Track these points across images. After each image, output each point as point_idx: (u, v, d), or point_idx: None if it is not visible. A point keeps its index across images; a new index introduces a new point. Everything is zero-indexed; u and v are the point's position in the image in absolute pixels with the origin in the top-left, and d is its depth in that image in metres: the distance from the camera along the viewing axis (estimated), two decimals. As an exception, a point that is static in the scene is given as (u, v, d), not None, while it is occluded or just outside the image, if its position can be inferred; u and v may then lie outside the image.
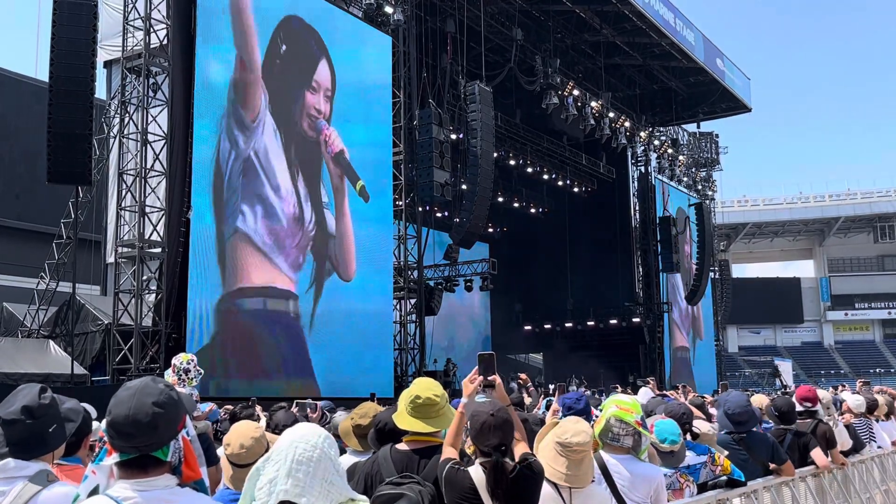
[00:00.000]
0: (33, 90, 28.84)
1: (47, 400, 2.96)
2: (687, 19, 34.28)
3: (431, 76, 26.89)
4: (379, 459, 3.81)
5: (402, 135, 24.60)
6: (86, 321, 19.46)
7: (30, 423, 2.89)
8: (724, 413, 6.05)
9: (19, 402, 2.91)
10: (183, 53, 18.71)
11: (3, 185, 29.57)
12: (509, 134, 33.00)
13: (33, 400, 2.93)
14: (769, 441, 6.12)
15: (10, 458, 2.90)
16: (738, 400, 6.20)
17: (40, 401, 2.94)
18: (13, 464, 2.89)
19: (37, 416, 2.91)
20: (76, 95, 16.95)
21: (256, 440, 4.02)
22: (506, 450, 3.48)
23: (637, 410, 4.41)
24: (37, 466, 2.90)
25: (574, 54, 33.64)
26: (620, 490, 4.23)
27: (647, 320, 37.51)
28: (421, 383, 3.89)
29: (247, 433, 4.05)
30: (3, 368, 17.17)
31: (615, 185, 38.95)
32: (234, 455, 3.96)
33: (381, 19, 24.30)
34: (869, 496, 7.68)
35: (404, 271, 24.93)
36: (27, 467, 2.88)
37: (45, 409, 2.95)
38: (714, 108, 40.94)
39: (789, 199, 73.53)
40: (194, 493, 2.25)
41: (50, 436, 2.99)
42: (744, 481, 5.21)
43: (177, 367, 7.30)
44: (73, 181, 18.36)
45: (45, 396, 2.96)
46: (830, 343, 72.73)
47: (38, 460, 2.94)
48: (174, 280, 18.14)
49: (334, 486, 2.38)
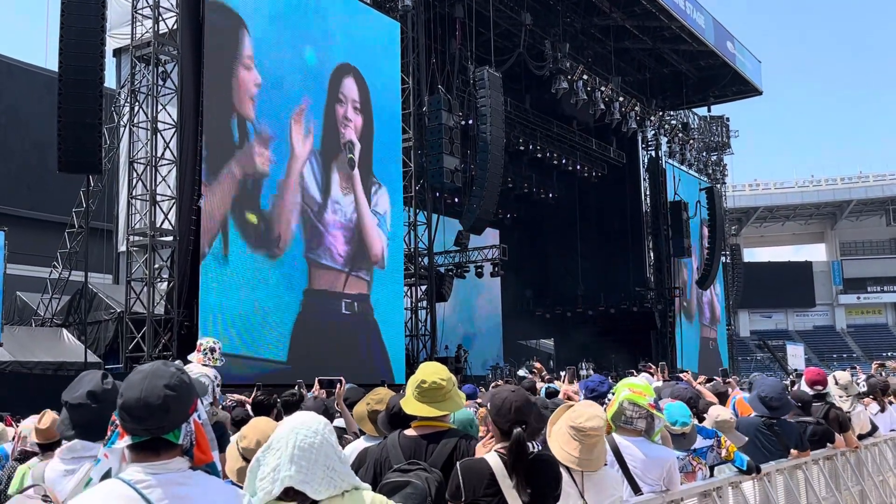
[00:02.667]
0: (43, 80, 28.89)
1: (109, 385, 3.14)
2: (697, 2, 34.06)
3: (440, 62, 26.80)
4: (387, 445, 3.82)
5: (412, 121, 24.55)
6: (98, 310, 19.58)
7: (95, 407, 3.06)
8: (759, 397, 6.03)
9: (84, 388, 3.09)
10: (192, 41, 18.70)
11: (14, 174, 29.68)
12: (519, 119, 32.88)
13: (97, 385, 3.10)
14: (797, 430, 6.11)
15: (76, 439, 3.10)
16: (775, 385, 6.18)
17: (104, 385, 3.11)
18: (80, 445, 3.10)
19: (101, 401, 3.08)
20: (86, 85, 17.00)
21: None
22: (526, 427, 3.47)
23: (650, 393, 4.41)
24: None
25: (583, 38, 33.46)
26: (633, 473, 4.23)
27: (659, 305, 37.43)
28: (427, 368, 3.89)
29: (264, 429, 4.01)
30: (18, 357, 17.30)
31: (626, 170, 38.79)
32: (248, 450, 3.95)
33: (390, 5, 24.22)
34: (882, 479, 7.66)
35: (415, 258, 24.94)
36: (93, 448, 3.05)
37: (108, 393, 3.11)
38: (725, 91, 40.70)
39: (801, 182, 73.20)
40: (206, 475, 2.26)
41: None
42: (745, 469, 5.20)
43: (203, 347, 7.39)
44: (83, 170, 18.44)
45: (107, 382, 3.14)
46: (842, 327, 72.48)
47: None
48: (186, 268, 18.20)
49: (336, 473, 2.37)
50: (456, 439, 3.74)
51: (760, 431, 5.89)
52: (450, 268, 29.76)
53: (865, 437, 7.45)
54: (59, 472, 3.11)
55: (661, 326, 37.11)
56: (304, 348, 19.58)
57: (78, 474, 3.03)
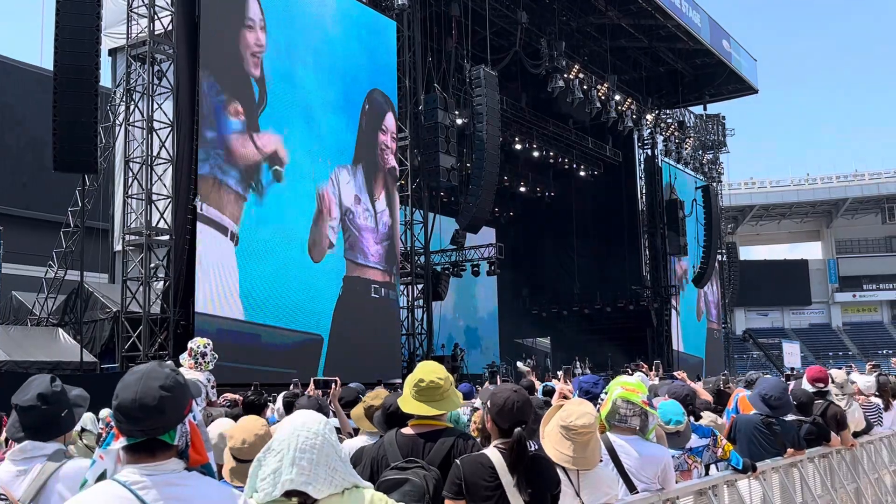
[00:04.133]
0: (38, 79, 28.83)
1: (58, 388, 3.27)
2: (693, 1, 34.08)
3: (436, 61, 26.79)
4: (384, 444, 3.82)
5: (408, 120, 24.54)
6: (94, 309, 19.53)
7: (45, 409, 3.20)
8: (760, 395, 6.04)
9: (34, 391, 3.22)
10: (187, 40, 18.68)
11: (9, 174, 29.61)
12: (515, 118, 32.89)
13: (46, 388, 3.23)
14: (794, 429, 6.13)
15: (27, 440, 3.21)
16: (776, 385, 6.19)
17: (52, 388, 3.24)
18: (30, 445, 3.20)
19: (50, 402, 3.22)
20: (81, 84, 16.96)
21: (260, 437, 3.95)
22: (526, 428, 3.48)
23: (643, 391, 4.40)
24: (53, 446, 3.22)
25: (579, 37, 33.47)
26: (628, 471, 4.23)
27: (655, 303, 37.46)
28: (425, 367, 3.90)
29: (252, 429, 4.01)
30: (14, 356, 17.26)
31: (622, 169, 38.83)
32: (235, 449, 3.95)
33: (386, 3, 24.20)
34: (877, 476, 7.68)
35: (411, 257, 24.92)
36: (44, 447, 3.20)
37: (57, 395, 3.26)
38: (720, 89, 40.74)
39: (796, 180, 73.26)
40: (202, 476, 2.26)
41: (62, 419, 3.30)
42: (740, 468, 5.20)
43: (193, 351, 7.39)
44: (79, 169, 18.39)
45: (55, 384, 3.26)
46: (838, 325, 72.58)
47: (54, 441, 3.25)
48: (182, 267, 18.18)
49: (337, 472, 2.38)
50: (453, 438, 3.75)
51: (759, 430, 5.90)
52: (446, 266, 29.74)
53: (861, 435, 7.46)
54: (12, 473, 3.17)
55: (657, 324, 37.15)
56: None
57: (31, 474, 3.12)
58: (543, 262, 39.62)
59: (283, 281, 19.98)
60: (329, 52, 22.01)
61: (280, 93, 20.39)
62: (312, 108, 21.36)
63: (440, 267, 29.18)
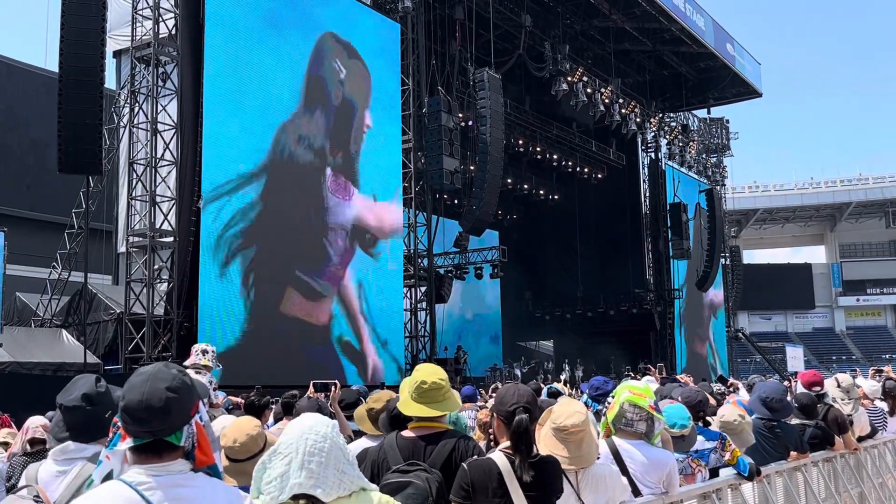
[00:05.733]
0: (43, 81, 28.90)
1: (103, 388, 3.25)
2: (697, 4, 34.06)
3: (440, 63, 26.80)
4: (385, 447, 3.82)
5: (412, 122, 24.54)
6: (98, 310, 19.56)
7: (89, 410, 3.18)
8: (760, 399, 6.03)
9: (78, 391, 3.19)
10: (192, 42, 18.70)
11: (14, 175, 29.66)
12: (519, 121, 32.89)
13: (91, 388, 3.21)
14: (797, 432, 6.12)
15: (70, 441, 3.21)
16: (776, 388, 6.19)
17: (97, 389, 3.22)
18: (73, 446, 3.20)
19: (95, 403, 3.19)
20: (86, 85, 17.00)
21: (252, 438, 4.00)
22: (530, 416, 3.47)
23: (650, 395, 4.40)
24: (94, 448, 3.19)
25: (583, 40, 33.46)
26: (633, 475, 4.22)
27: (658, 307, 37.41)
28: (423, 369, 3.90)
29: (244, 429, 4.04)
30: (18, 358, 17.28)
31: (625, 172, 38.80)
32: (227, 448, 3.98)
33: (390, 6, 24.22)
34: (881, 481, 7.66)
35: (414, 259, 24.92)
36: (85, 449, 3.19)
37: (102, 396, 3.23)
38: (724, 93, 40.71)
39: (800, 184, 73.18)
40: (208, 477, 2.26)
41: (107, 420, 3.21)
42: (746, 475, 5.19)
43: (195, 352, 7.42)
44: (83, 171, 18.43)
45: (100, 385, 3.24)
46: (842, 329, 72.45)
47: (96, 443, 3.20)
48: (185, 269, 18.20)
49: (346, 475, 2.37)
50: (455, 440, 3.75)
51: (761, 433, 5.89)
52: (449, 269, 29.75)
53: (865, 440, 7.45)
54: (52, 473, 3.18)
55: (660, 328, 37.10)
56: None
57: (70, 475, 3.12)
58: (546, 264, 39.58)
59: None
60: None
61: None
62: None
63: (443, 269, 29.17)
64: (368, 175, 22.69)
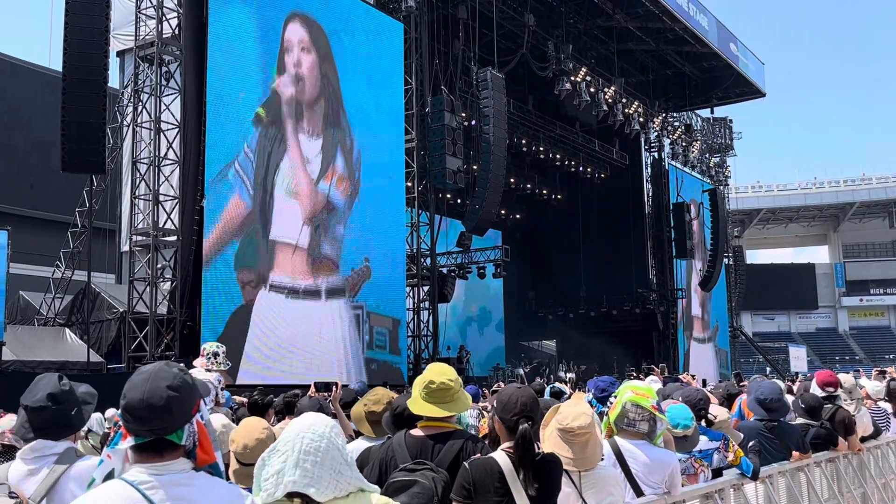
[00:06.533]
0: (46, 80, 28.93)
1: (67, 386, 3.25)
2: (700, 4, 34.03)
3: (443, 63, 26.80)
4: (393, 445, 3.82)
5: (415, 122, 24.53)
6: (101, 309, 19.59)
7: (55, 409, 3.18)
8: (756, 399, 6.03)
9: (42, 391, 3.20)
10: (195, 41, 18.72)
11: (17, 174, 29.71)
12: (522, 120, 32.87)
13: (55, 387, 3.21)
14: (798, 431, 6.11)
15: (37, 440, 3.21)
16: (772, 388, 6.18)
17: (61, 387, 3.22)
18: (41, 444, 3.20)
19: (60, 402, 3.20)
20: (90, 85, 17.00)
21: (261, 441, 3.91)
22: (532, 423, 3.47)
23: (653, 395, 4.40)
24: (64, 445, 3.22)
25: (587, 40, 33.44)
26: (635, 475, 4.22)
27: (661, 307, 37.38)
28: (434, 368, 3.90)
29: (253, 433, 3.98)
30: (21, 356, 17.32)
31: (628, 172, 38.75)
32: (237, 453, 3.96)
33: (393, 6, 24.22)
34: (884, 482, 7.65)
35: (417, 258, 24.92)
36: (55, 447, 3.20)
37: (67, 394, 3.24)
38: (728, 93, 40.67)
39: (804, 184, 73.04)
40: (209, 476, 2.26)
41: (73, 418, 3.30)
42: (749, 475, 5.19)
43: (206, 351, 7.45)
44: (87, 170, 18.45)
45: (64, 383, 3.25)
46: (845, 329, 72.33)
47: (64, 440, 3.24)
48: (188, 268, 18.22)
49: (342, 476, 2.37)
50: (462, 440, 3.75)
51: (763, 434, 5.88)
52: (452, 268, 29.74)
53: (869, 440, 7.44)
54: (23, 472, 3.18)
55: (662, 328, 37.06)
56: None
57: (41, 473, 3.13)
58: (549, 264, 39.56)
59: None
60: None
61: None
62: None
63: (446, 269, 29.17)
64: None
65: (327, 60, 21.68)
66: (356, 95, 22.36)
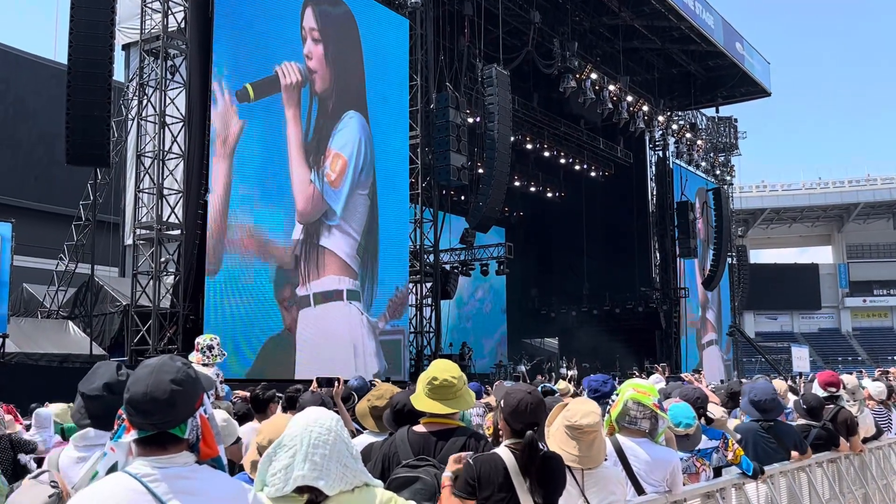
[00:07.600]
0: (52, 72, 28.95)
1: (124, 376, 3.21)
2: (706, 2, 33.96)
3: (448, 59, 26.76)
4: (396, 441, 3.82)
5: (419, 118, 24.52)
6: (104, 302, 19.60)
7: (110, 398, 3.14)
8: (751, 401, 6.02)
9: (100, 380, 3.21)
10: (200, 35, 18.71)
11: (22, 167, 29.76)
12: (526, 118, 32.84)
13: (112, 377, 3.22)
14: (795, 431, 6.11)
15: (90, 428, 3.24)
16: (765, 388, 6.18)
17: (118, 377, 3.22)
18: (93, 433, 3.23)
19: (116, 392, 3.14)
20: (95, 78, 17.00)
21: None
22: (538, 430, 3.47)
23: (654, 394, 4.40)
24: None
25: (592, 37, 33.39)
26: (637, 474, 4.22)
27: (664, 305, 37.36)
28: (439, 365, 3.90)
29: (280, 427, 4.02)
30: (24, 348, 17.35)
31: (633, 170, 38.70)
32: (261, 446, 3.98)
33: (399, 2, 24.20)
34: (886, 482, 7.65)
35: (420, 255, 24.92)
36: (105, 436, 3.14)
37: (122, 384, 3.23)
38: (733, 92, 40.59)
39: (808, 184, 72.91)
40: (212, 470, 2.27)
41: None
42: (750, 474, 5.19)
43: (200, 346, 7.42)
44: (91, 163, 18.46)
45: (121, 373, 3.24)
46: (848, 329, 72.24)
47: None
48: (192, 262, 18.23)
49: (349, 470, 2.38)
50: (465, 437, 3.75)
51: (760, 435, 5.88)
52: (455, 265, 29.75)
53: (870, 441, 7.44)
54: (73, 459, 3.21)
55: (665, 327, 37.04)
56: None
57: (90, 461, 3.13)
58: (552, 262, 39.56)
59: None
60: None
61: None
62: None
63: (449, 266, 29.18)
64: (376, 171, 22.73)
65: (333, 56, 21.67)
66: (361, 91, 22.35)
